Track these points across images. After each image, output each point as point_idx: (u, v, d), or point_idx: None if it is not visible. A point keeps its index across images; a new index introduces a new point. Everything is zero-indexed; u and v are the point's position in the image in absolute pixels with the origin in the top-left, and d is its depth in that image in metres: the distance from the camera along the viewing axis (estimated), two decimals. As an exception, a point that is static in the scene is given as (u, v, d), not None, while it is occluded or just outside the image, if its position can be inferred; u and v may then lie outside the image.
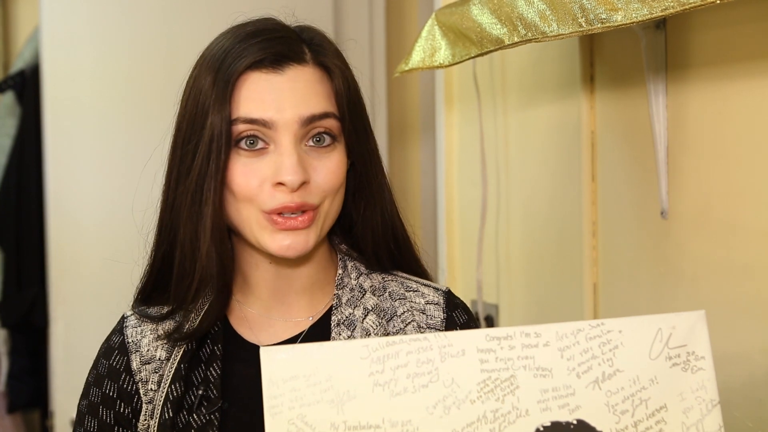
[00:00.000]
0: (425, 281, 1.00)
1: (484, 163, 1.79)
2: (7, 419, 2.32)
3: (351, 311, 0.93)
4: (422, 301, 0.96)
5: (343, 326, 0.92)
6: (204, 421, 0.89)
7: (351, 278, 0.96)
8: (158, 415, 0.90)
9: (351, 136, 0.91)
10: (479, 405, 0.78)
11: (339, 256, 0.97)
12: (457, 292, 1.03)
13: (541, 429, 0.78)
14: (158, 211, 0.94)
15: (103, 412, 0.94)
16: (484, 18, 1.17)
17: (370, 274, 0.97)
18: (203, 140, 0.86)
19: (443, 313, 0.96)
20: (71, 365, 2.06)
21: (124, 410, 0.94)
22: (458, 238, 1.99)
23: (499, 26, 1.14)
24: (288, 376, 0.77)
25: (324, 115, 0.87)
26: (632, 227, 1.37)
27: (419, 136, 2.67)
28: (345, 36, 2.55)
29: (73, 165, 2.16)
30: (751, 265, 1.10)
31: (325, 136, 0.88)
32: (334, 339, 0.92)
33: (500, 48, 1.15)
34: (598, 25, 0.96)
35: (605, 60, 1.43)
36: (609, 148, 1.43)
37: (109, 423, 0.93)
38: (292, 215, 0.86)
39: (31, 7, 2.53)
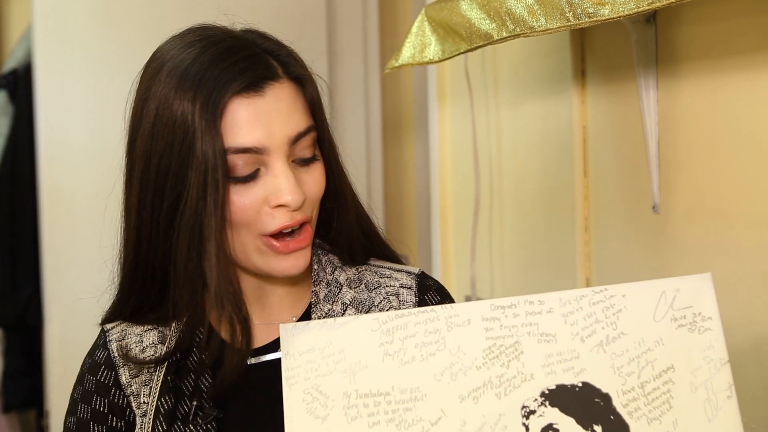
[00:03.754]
0: (399, 266, 1.00)
1: (476, 159, 1.79)
2: (2, 419, 2.32)
3: (330, 307, 0.94)
4: (396, 285, 0.97)
5: None
6: (202, 431, 0.89)
7: (326, 273, 0.97)
8: (151, 429, 0.89)
9: (324, 143, 0.91)
10: (485, 371, 0.79)
11: (312, 250, 0.97)
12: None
13: (546, 392, 0.78)
14: (130, 244, 0.90)
15: (94, 428, 0.93)
16: (473, 13, 1.16)
17: (344, 266, 0.98)
18: (194, 173, 0.82)
19: (415, 297, 0.96)
20: (66, 365, 2.05)
21: (116, 424, 0.93)
22: (452, 234, 1.99)
23: (488, 21, 1.13)
24: (304, 349, 0.81)
25: (307, 130, 0.87)
26: (624, 222, 1.37)
27: (413, 132, 2.67)
28: (338, 32, 2.54)
29: (67, 164, 2.15)
30: (743, 259, 1.10)
31: (308, 153, 0.88)
32: None
33: (489, 43, 1.15)
34: (586, 20, 0.95)
35: (596, 55, 1.43)
36: (600, 143, 1.43)
37: None
38: (290, 236, 0.87)
39: (24, 5, 2.52)
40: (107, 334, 0.96)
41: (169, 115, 0.83)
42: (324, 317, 0.93)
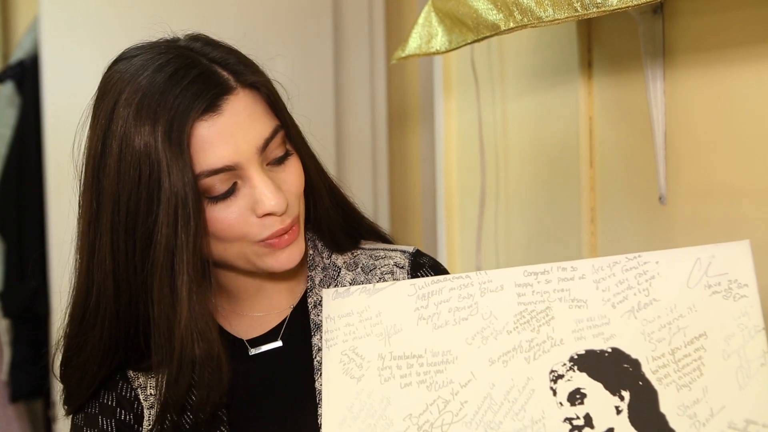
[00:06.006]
0: (393, 246, 1.01)
1: (482, 150, 1.78)
2: (10, 408, 2.33)
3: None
4: (390, 263, 0.98)
5: (319, 306, 0.93)
6: (212, 419, 0.89)
7: (323, 257, 0.97)
8: (161, 420, 0.89)
9: (292, 137, 0.90)
10: (515, 335, 0.81)
11: (307, 235, 0.98)
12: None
13: (576, 357, 0.79)
14: (107, 290, 0.85)
15: (103, 422, 0.93)
16: (480, 4, 1.15)
17: (338, 251, 0.99)
18: (163, 209, 0.79)
19: (408, 275, 0.97)
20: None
21: (125, 417, 0.93)
22: (458, 224, 1.98)
23: (495, 12, 1.12)
24: (343, 313, 0.85)
25: (274, 132, 0.85)
26: (631, 213, 1.36)
27: (419, 123, 2.67)
28: (345, 24, 2.53)
29: (78, 146, 2.15)
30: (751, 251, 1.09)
31: (280, 152, 0.87)
32: (313, 322, 0.93)
33: (496, 34, 1.14)
34: (594, 10, 0.94)
35: (603, 45, 1.42)
36: (607, 134, 1.42)
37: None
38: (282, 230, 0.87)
39: (30, -4, 2.51)
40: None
41: (132, 152, 0.80)
42: (319, 302, 0.94)
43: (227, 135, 0.81)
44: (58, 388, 2.13)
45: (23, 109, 2.32)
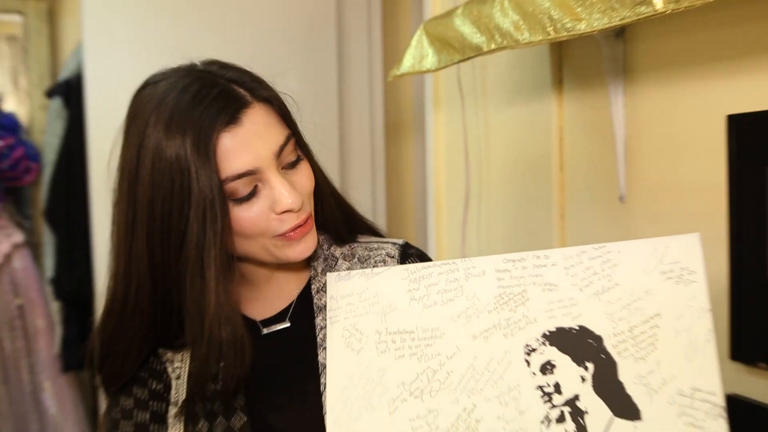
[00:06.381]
0: (386, 239, 1.01)
1: (467, 156, 1.78)
2: (62, 378, 2.33)
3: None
4: (383, 253, 0.97)
5: (322, 292, 0.93)
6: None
7: (323, 249, 0.97)
8: (188, 388, 0.89)
9: (301, 145, 0.90)
10: (495, 314, 0.80)
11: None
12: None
13: (547, 333, 0.78)
14: (145, 287, 0.84)
15: (137, 391, 0.93)
16: (465, 28, 1.15)
17: (339, 244, 0.98)
18: (193, 210, 0.79)
19: (398, 264, 0.96)
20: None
21: (155, 387, 0.93)
22: (445, 221, 1.98)
23: (478, 35, 1.12)
24: (345, 293, 0.85)
25: (287, 140, 0.85)
26: (594, 210, 1.36)
27: (412, 133, 2.66)
28: (347, 46, 2.53)
29: (113, 162, 2.15)
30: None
31: (292, 157, 0.87)
32: (316, 305, 0.93)
33: (479, 54, 1.14)
34: (564, 34, 0.94)
35: (572, 65, 1.42)
36: (575, 143, 1.42)
37: (143, 399, 0.93)
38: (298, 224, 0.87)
39: (75, 23, 2.51)
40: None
41: (164, 163, 0.79)
42: (322, 288, 0.94)
43: (248, 143, 0.81)
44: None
45: (69, 121, 2.31)
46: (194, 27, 2.25)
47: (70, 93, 2.31)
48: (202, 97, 0.81)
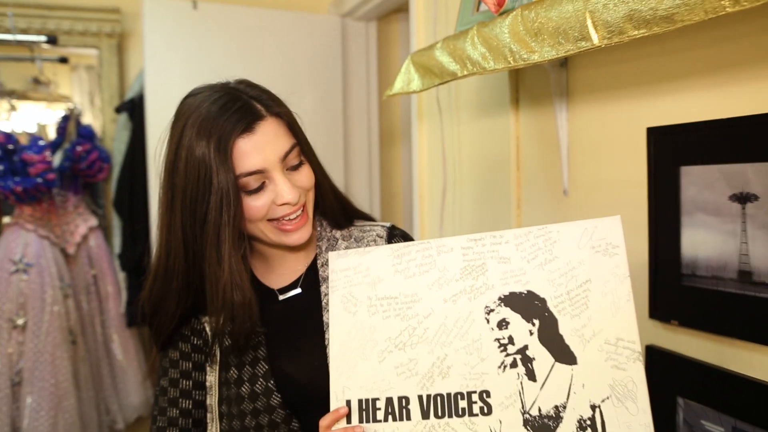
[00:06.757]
0: (377, 223, 1.00)
1: (444, 159, 1.77)
2: (126, 331, 2.33)
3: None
4: (374, 234, 0.96)
5: (325, 266, 0.92)
6: (256, 343, 0.89)
7: (327, 231, 0.96)
8: (219, 344, 0.89)
9: (306, 152, 0.89)
10: (461, 282, 0.80)
11: (316, 218, 0.97)
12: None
13: (502, 297, 0.78)
14: (179, 252, 0.84)
15: (182, 346, 0.92)
16: (443, 58, 1.14)
17: (339, 228, 0.97)
18: (213, 197, 0.79)
19: (385, 242, 0.95)
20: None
21: (196, 342, 0.92)
22: (427, 210, 1.97)
23: (453, 64, 1.11)
24: (344, 267, 0.84)
25: (291, 147, 0.84)
26: (544, 202, 1.36)
27: (401, 140, 2.65)
28: (350, 72, 2.51)
29: (159, 155, 2.14)
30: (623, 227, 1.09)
31: (296, 161, 0.86)
32: (321, 276, 0.92)
33: (454, 79, 1.13)
34: (521, 63, 0.93)
35: (526, 88, 1.41)
36: (528, 148, 1.41)
37: (187, 352, 0.93)
38: (294, 220, 0.86)
39: (138, 55, 2.49)
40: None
41: (193, 159, 0.80)
42: (326, 263, 0.93)
43: (259, 148, 0.81)
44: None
45: (133, 131, 2.29)
46: (232, 59, 2.23)
47: (134, 109, 2.29)
48: (226, 109, 0.81)
